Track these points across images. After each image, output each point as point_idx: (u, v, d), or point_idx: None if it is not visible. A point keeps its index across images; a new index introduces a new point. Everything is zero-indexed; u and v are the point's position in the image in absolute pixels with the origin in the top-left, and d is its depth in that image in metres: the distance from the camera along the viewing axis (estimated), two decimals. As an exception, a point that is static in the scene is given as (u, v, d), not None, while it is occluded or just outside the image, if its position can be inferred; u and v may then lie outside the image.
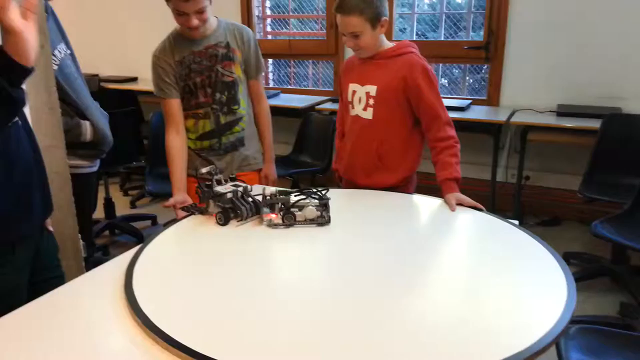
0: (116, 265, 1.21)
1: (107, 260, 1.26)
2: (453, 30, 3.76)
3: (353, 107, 1.81)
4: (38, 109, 1.57)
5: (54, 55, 1.87)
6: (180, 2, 1.64)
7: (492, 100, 3.52)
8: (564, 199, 3.44)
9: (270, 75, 4.46)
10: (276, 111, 3.77)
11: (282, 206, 1.40)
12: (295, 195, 1.42)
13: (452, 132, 1.72)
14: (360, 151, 1.81)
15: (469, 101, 3.47)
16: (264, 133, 2.05)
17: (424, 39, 3.84)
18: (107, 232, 3.33)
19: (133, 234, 3.25)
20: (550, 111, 3.21)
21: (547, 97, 3.32)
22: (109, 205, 3.29)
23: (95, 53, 4.66)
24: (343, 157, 1.89)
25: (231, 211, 1.42)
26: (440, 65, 3.87)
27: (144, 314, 0.99)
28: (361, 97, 1.77)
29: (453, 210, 1.56)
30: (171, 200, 1.72)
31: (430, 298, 1.08)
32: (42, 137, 1.60)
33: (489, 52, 3.44)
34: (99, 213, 3.08)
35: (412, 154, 1.82)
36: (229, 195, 1.42)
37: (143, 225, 3.43)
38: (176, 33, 1.83)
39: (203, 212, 1.49)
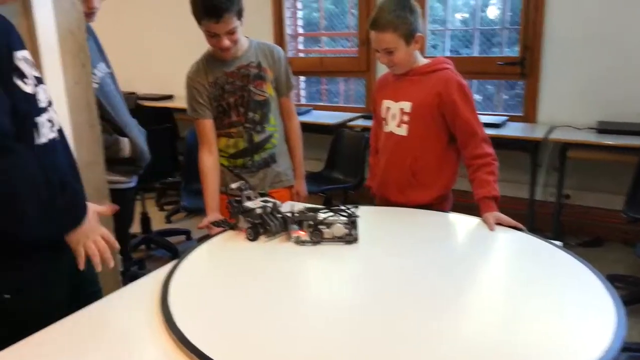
0: (152, 281, 1.22)
1: (143, 274, 1.28)
2: (487, 45, 3.71)
3: (387, 124, 1.79)
4: (79, 126, 1.61)
5: (94, 74, 1.93)
6: (211, 24, 1.67)
7: (529, 116, 3.45)
8: (606, 218, 3.31)
9: (302, 92, 4.50)
10: (308, 128, 3.80)
11: (311, 223, 1.40)
12: (324, 212, 1.41)
13: (489, 149, 1.68)
14: (393, 168, 1.78)
15: (505, 117, 3.40)
16: (295, 150, 2.06)
17: (457, 55, 3.80)
18: (143, 247, 3.38)
19: (168, 248, 3.30)
20: (590, 128, 3.11)
21: (586, 113, 3.22)
22: (145, 220, 3.35)
23: (132, 72, 4.80)
24: (376, 173, 1.87)
25: (260, 227, 1.42)
26: (474, 81, 3.82)
27: (178, 329, 0.99)
28: (395, 114, 1.75)
29: (492, 229, 1.51)
30: (205, 221, 1.74)
31: (466, 320, 1.04)
32: (83, 153, 1.64)
33: (524, 67, 3.37)
34: (135, 227, 3.14)
35: (448, 171, 1.78)
36: (259, 211, 1.42)
37: (178, 240, 3.47)
38: (209, 54, 1.87)
39: (233, 227, 1.49)
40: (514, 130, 3.21)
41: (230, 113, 1.87)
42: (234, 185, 1.47)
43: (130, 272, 2.63)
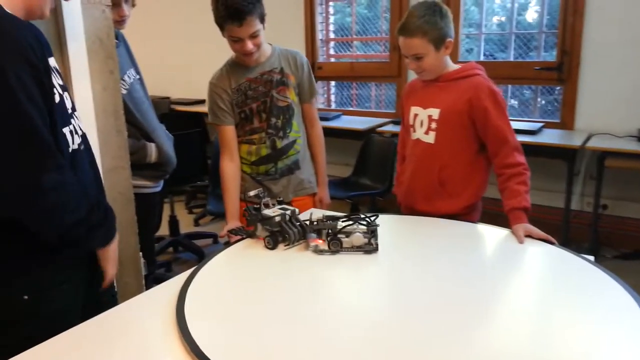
0: (171, 287, 1.21)
1: (169, 276, 1.29)
2: (523, 50, 3.61)
3: (414, 131, 1.74)
4: (106, 132, 1.64)
5: (124, 80, 1.96)
6: (234, 28, 1.67)
7: (566, 123, 3.33)
8: (646, 230, 3.17)
9: (333, 97, 4.48)
10: (337, 133, 3.79)
11: (329, 232, 1.37)
12: (343, 221, 1.39)
13: (521, 158, 1.62)
14: (420, 176, 1.73)
15: (541, 124, 3.30)
16: (318, 156, 2.04)
17: (493, 60, 3.71)
18: (170, 249, 3.42)
19: (195, 251, 3.33)
20: (631, 136, 2.98)
21: (626, 120, 3.09)
22: (174, 222, 3.39)
23: (167, 77, 4.89)
24: (402, 182, 1.83)
25: (279, 235, 1.40)
26: (510, 86, 3.72)
27: (192, 339, 0.98)
28: (423, 121, 1.71)
29: (521, 242, 1.45)
30: (225, 230, 1.73)
31: (493, 333, 0.99)
32: (109, 158, 1.67)
33: (562, 72, 3.26)
34: (164, 230, 3.18)
35: (477, 180, 1.72)
36: (278, 219, 1.40)
37: (205, 243, 3.50)
38: (232, 61, 1.87)
39: (251, 235, 1.48)
40: (550, 137, 3.12)
41: (253, 119, 1.86)
42: (252, 193, 1.46)
43: (156, 274, 2.66)
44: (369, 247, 1.36)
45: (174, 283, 1.24)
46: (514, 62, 3.60)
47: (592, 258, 1.34)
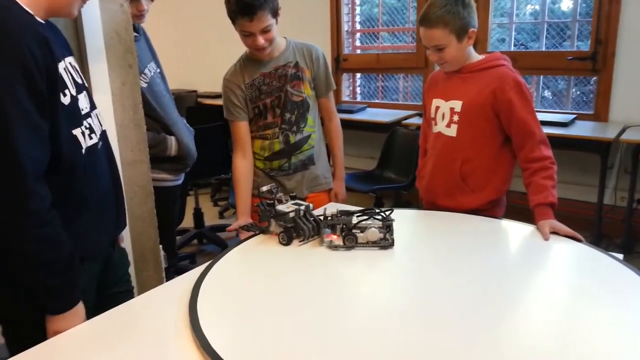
0: (190, 279, 1.21)
1: (192, 268, 1.28)
2: (556, 40, 3.48)
3: (436, 124, 1.70)
4: (124, 126, 1.65)
5: (144, 74, 1.98)
6: (245, 23, 1.65)
7: (600, 115, 3.20)
8: (684, 227, 3.02)
9: (358, 90, 4.43)
10: (362, 126, 3.75)
11: (344, 227, 1.34)
12: (358, 216, 1.36)
13: (547, 151, 1.56)
14: (442, 171, 1.69)
15: (573, 116, 3.18)
16: (335, 150, 2.01)
17: (525, 50, 3.60)
18: (195, 241, 3.46)
19: (219, 243, 3.35)
20: (669, 128, 2.85)
21: (665, 112, 2.96)
22: (198, 215, 3.42)
23: (194, 70, 4.93)
24: (423, 176, 1.79)
25: (293, 230, 1.38)
26: (542, 77, 3.60)
27: (203, 335, 0.97)
28: (445, 113, 1.66)
29: (546, 239, 1.39)
30: (234, 225, 1.73)
31: (514, 338, 0.95)
32: (128, 152, 1.68)
33: (596, 62, 3.13)
34: (188, 222, 3.21)
35: (501, 174, 1.66)
36: (292, 215, 1.38)
37: (229, 236, 3.52)
38: (245, 56, 1.85)
39: (264, 231, 1.46)
40: (582, 129, 3.00)
41: (267, 114, 1.84)
42: (264, 188, 1.44)
43: (180, 265, 2.69)
44: (385, 243, 1.33)
45: (193, 275, 1.23)
46: (545, 51, 3.48)
47: (620, 256, 1.28)
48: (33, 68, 0.98)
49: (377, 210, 1.38)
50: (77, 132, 1.12)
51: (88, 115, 1.18)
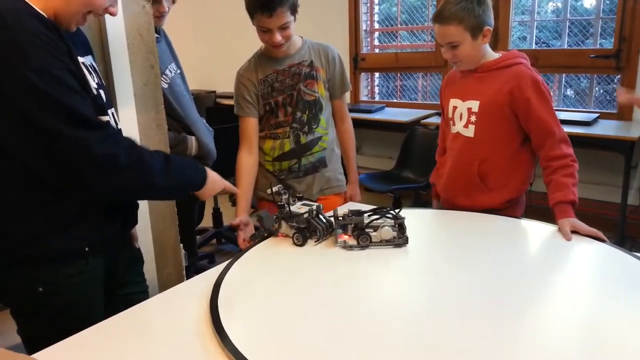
0: (209, 278, 1.22)
1: (211, 267, 1.29)
2: (579, 38, 3.43)
3: (454, 124, 1.69)
4: (146, 126, 1.67)
5: (165, 75, 2.00)
6: (264, 19, 1.64)
7: (624, 114, 3.14)
8: None
9: (377, 89, 4.42)
10: (380, 125, 3.74)
11: (356, 226, 1.34)
12: (369, 216, 1.36)
13: (568, 150, 1.55)
14: (460, 171, 1.68)
15: (596, 115, 3.12)
16: (348, 152, 1.97)
17: (546, 48, 3.55)
18: (214, 241, 3.49)
19: (237, 243, 3.35)
20: (696, 127, 2.78)
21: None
22: (217, 215, 3.45)
23: (212, 71, 4.97)
24: (442, 174, 1.78)
25: (307, 231, 1.38)
26: (564, 76, 3.55)
27: (224, 331, 0.98)
28: (462, 113, 1.65)
29: (568, 239, 1.37)
30: (237, 220, 1.70)
31: (534, 341, 0.94)
32: (150, 151, 1.70)
33: (620, 60, 3.07)
34: (207, 222, 3.24)
35: (520, 174, 1.65)
36: (305, 215, 1.38)
37: (248, 236, 3.54)
38: (260, 52, 1.84)
39: (273, 233, 1.45)
40: (606, 128, 2.95)
41: (278, 112, 1.82)
42: (274, 189, 1.43)
43: (199, 265, 2.71)
44: (399, 241, 1.33)
45: (213, 274, 1.24)
46: (568, 49, 3.43)
47: (644, 257, 1.26)
48: (53, 50, 1.01)
49: (388, 209, 1.38)
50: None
51: (105, 114, 1.20)
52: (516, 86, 1.54)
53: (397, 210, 1.38)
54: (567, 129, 2.93)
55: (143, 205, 1.64)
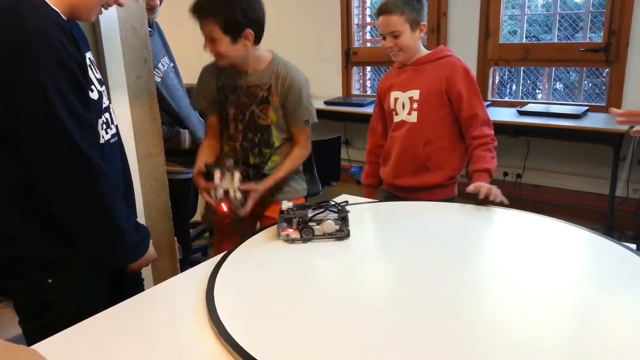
0: (203, 271, 1.23)
1: (204, 260, 1.31)
2: (569, 32, 3.46)
3: (397, 114, 1.86)
4: (140, 119, 1.67)
5: (158, 68, 2.00)
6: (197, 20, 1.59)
7: (613, 106, 3.17)
8: (698, 219, 3.00)
9: (368, 83, 4.43)
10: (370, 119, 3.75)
11: (300, 220, 1.36)
12: (313, 209, 1.38)
13: (489, 131, 1.78)
14: (407, 153, 1.84)
15: (585, 108, 3.16)
16: (285, 163, 1.77)
17: (536, 42, 3.58)
18: (207, 234, 3.48)
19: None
20: (683, 119, 2.81)
21: (678, 103, 2.93)
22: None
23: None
24: (386, 160, 1.92)
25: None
26: (553, 69, 3.58)
27: (220, 322, 0.99)
28: (404, 103, 1.83)
29: (466, 191, 1.60)
30: (195, 171, 1.70)
31: (484, 323, 0.96)
32: (144, 145, 1.71)
33: (609, 54, 3.11)
34: (200, 215, 3.24)
35: (458, 153, 1.85)
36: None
37: (241, 229, 3.55)
38: None
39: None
40: (595, 121, 2.99)
41: (229, 125, 1.77)
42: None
43: (192, 258, 2.72)
44: (341, 234, 1.36)
45: (207, 266, 1.25)
46: (558, 43, 3.46)
47: (633, 246, 1.28)
48: (70, 63, 1.02)
49: (332, 203, 1.41)
50: (99, 123, 1.14)
51: (107, 109, 1.20)
52: (450, 74, 1.78)
53: (341, 204, 1.40)
54: (557, 121, 2.99)
55: (138, 200, 1.64)
